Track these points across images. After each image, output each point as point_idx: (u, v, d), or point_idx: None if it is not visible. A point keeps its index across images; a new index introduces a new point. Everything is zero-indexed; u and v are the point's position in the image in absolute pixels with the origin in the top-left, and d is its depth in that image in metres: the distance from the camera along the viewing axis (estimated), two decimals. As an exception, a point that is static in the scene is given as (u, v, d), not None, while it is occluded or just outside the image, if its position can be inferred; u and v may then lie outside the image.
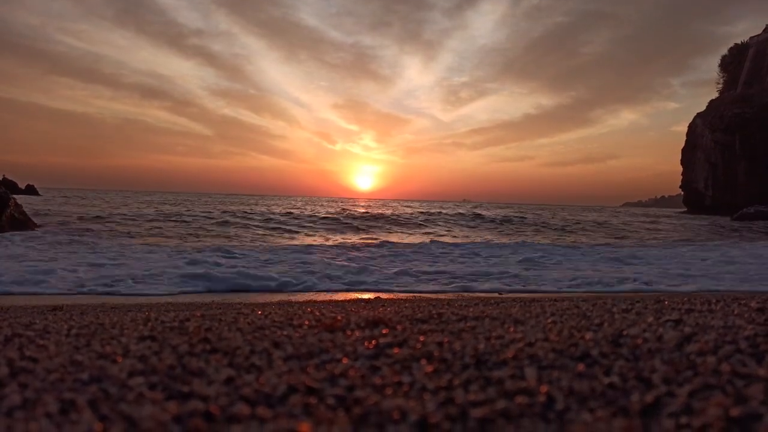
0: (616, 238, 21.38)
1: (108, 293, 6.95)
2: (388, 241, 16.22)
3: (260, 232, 19.08)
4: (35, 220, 16.47)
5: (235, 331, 1.77)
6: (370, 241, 16.84)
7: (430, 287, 8.08)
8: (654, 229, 26.19)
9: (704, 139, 62.43)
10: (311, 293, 7.42)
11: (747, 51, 68.56)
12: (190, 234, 17.39)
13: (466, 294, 7.28)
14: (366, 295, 6.88)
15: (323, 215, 26.96)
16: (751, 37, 69.20)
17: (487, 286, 8.24)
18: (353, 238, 18.14)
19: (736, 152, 57.70)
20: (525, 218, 29.44)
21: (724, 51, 76.07)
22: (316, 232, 20.52)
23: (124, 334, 1.78)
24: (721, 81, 74.95)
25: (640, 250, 15.14)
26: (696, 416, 0.88)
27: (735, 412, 0.89)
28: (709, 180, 61.73)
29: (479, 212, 34.06)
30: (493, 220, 27.83)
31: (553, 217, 33.00)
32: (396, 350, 1.40)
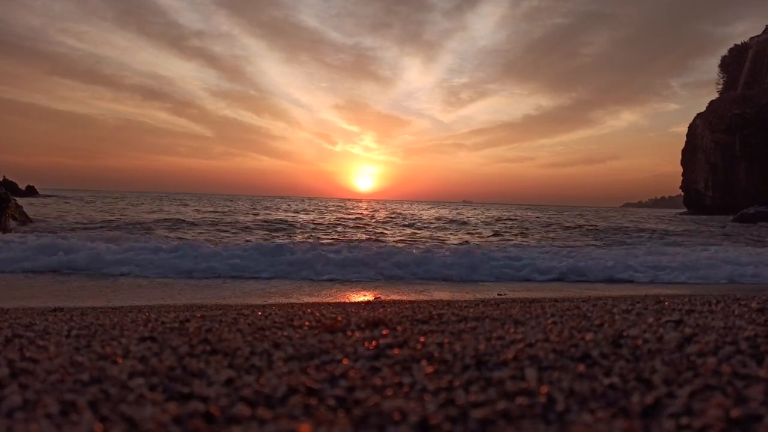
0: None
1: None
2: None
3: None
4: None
5: (236, 332, 1.77)
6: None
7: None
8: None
9: (704, 139, 62.41)
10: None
11: (747, 52, 68.59)
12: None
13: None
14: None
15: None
16: (751, 38, 69.23)
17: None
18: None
19: (736, 153, 57.69)
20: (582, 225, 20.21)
21: (724, 52, 76.08)
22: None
23: (125, 335, 1.78)
24: (722, 82, 74.97)
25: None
26: (696, 417, 0.88)
27: (735, 413, 0.89)
28: (709, 180, 61.69)
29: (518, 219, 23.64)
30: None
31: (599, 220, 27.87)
32: (396, 351, 1.40)
